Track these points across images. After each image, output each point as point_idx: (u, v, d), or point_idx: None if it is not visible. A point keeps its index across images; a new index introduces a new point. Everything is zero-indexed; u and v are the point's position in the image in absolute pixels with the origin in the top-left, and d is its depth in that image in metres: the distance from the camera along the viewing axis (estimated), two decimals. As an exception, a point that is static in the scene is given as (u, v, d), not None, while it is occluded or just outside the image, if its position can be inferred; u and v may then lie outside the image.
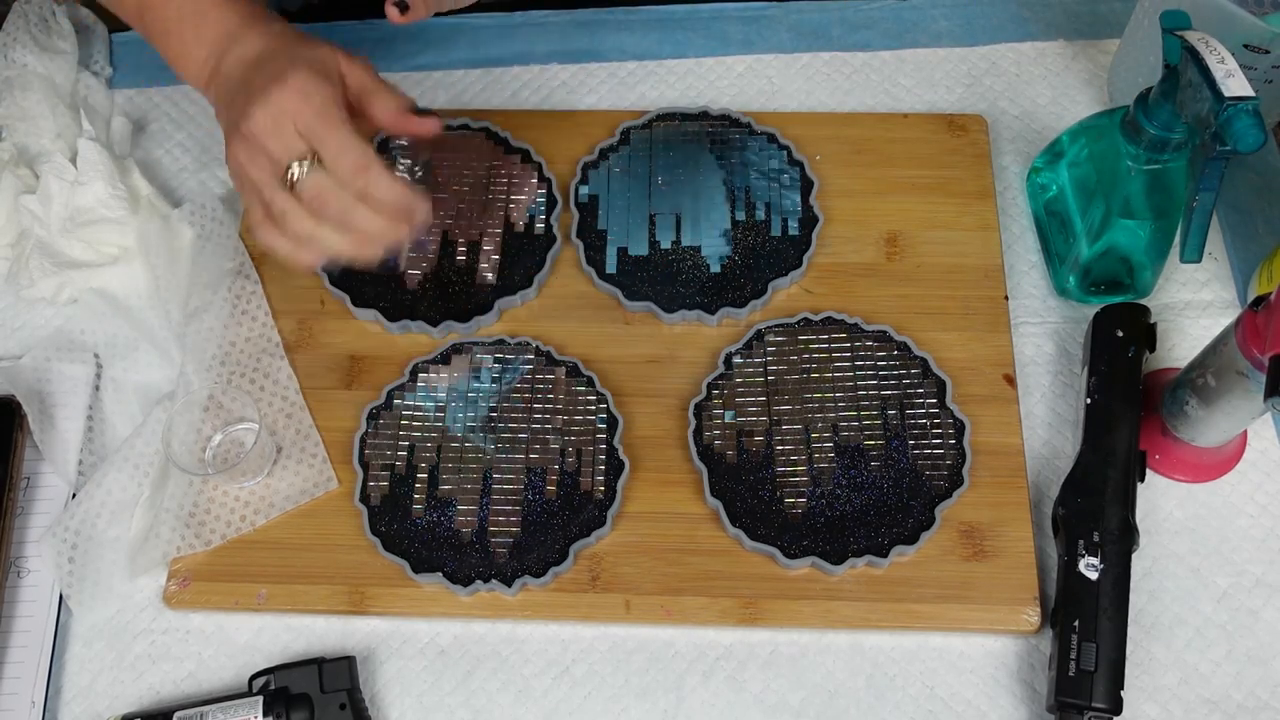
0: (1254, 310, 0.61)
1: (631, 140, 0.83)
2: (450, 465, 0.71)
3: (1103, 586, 0.64)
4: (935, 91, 0.88)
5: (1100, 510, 0.66)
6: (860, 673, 0.67)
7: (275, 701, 0.64)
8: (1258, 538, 0.70)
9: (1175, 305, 0.78)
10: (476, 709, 0.67)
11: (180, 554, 0.70)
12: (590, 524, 0.69)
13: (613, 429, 0.72)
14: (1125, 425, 0.69)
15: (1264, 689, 0.66)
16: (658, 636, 0.69)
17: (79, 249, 0.79)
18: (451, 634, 0.69)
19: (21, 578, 0.71)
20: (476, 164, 0.82)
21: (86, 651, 0.69)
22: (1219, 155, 0.62)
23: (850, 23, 0.91)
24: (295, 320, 0.78)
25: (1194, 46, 0.62)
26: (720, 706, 0.67)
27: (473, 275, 0.78)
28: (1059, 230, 0.79)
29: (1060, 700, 0.62)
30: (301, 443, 0.73)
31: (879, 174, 0.82)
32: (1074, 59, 0.89)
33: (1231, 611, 0.68)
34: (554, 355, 0.75)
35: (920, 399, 0.72)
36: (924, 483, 0.70)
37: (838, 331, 0.75)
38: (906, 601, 0.68)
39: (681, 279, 0.77)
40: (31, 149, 0.82)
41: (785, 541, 0.68)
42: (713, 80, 0.89)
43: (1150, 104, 0.67)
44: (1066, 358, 0.77)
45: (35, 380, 0.75)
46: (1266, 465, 0.73)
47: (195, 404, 0.73)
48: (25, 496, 0.73)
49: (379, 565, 0.69)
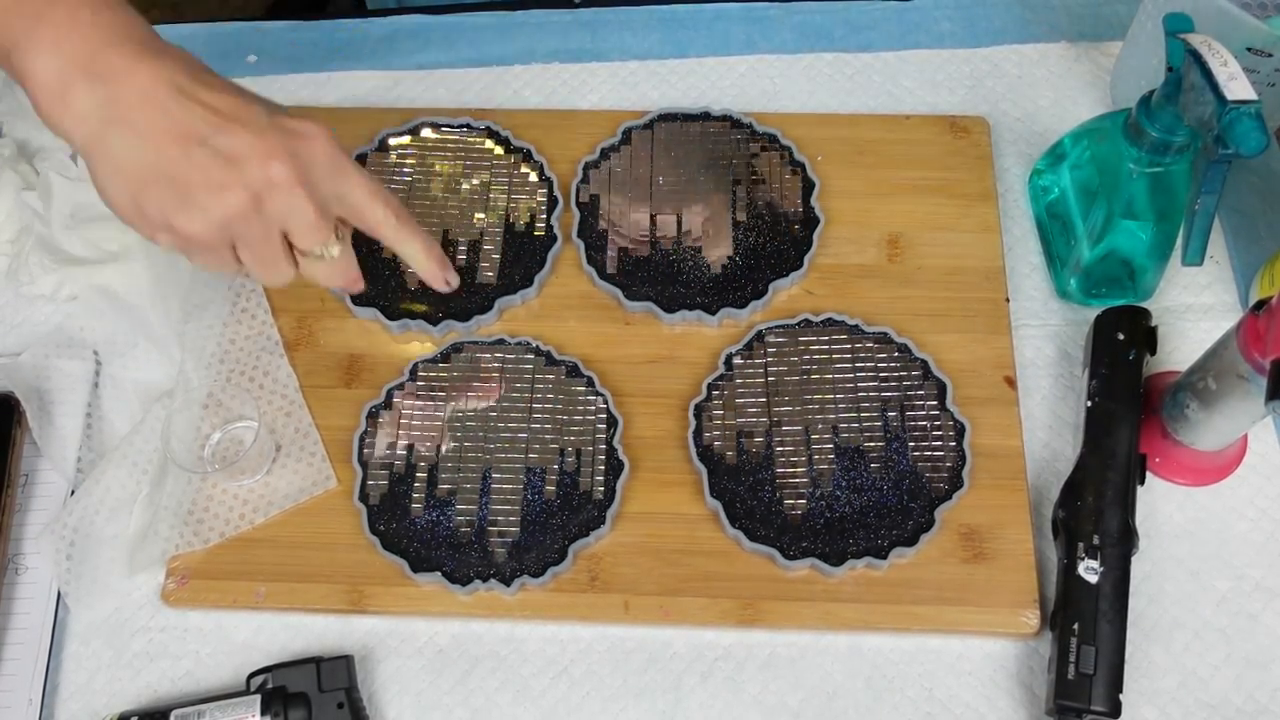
0: (1255, 314, 0.60)
1: (633, 140, 0.83)
2: (449, 465, 0.71)
3: (1102, 590, 0.64)
4: (937, 93, 0.88)
5: (1100, 513, 0.66)
6: (859, 674, 0.67)
7: (273, 700, 0.63)
8: (1258, 542, 0.70)
9: (1176, 308, 0.78)
10: (475, 708, 0.67)
11: (179, 552, 0.70)
12: (589, 524, 0.69)
13: (612, 429, 0.72)
14: (1126, 428, 0.69)
15: (1263, 693, 0.66)
16: (656, 637, 0.69)
17: (79, 246, 0.79)
18: (450, 633, 0.69)
19: (19, 575, 0.71)
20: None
21: (84, 649, 0.69)
22: (1221, 158, 0.62)
23: (853, 24, 0.91)
24: (295, 318, 0.78)
25: (1197, 49, 0.62)
26: (719, 707, 0.67)
27: (473, 274, 0.78)
28: (1060, 232, 0.79)
29: (1059, 703, 0.62)
30: (301, 441, 0.73)
31: (880, 175, 0.82)
32: (1076, 61, 0.89)
33: (1231, 615, 0.68)
34: (554, 355, 0.75)
35: (920, 401, 0.72)
36: (924, 485, 0.70)
37: (838, 333, 0.75)
38: (905, 603, 0.68)
39: (682, 279, 0.77)
40: (32, 145, 0.82)
41: (785, 543, 0.68)
42: (714, 80, 0.89)
43: (1153, 107, 0.67)
44: (1067, 360, 0.76)
45: (34, 377, 0.75)
46: (1267, 469, 0.72)
47: (195, 402, 0.73)
48: (24, 493, 0.73)
49: (378, 564, 0.69)
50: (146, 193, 0.52)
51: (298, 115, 0.55)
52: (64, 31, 0.52)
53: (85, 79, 0.52)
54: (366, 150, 0.83)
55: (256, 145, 0.52)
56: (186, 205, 0.52)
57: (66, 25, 0.52)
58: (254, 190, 0.53)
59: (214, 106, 0.53)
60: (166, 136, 0.52)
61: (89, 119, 0.52)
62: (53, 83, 0.52)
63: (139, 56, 0.52)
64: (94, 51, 0.52)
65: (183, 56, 0.54)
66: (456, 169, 0.82)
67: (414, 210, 0.80)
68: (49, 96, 0.52)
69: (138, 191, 0.52)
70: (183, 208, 0.52)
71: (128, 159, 0.52)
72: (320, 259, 0.58)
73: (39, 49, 0.52)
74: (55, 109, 0.52)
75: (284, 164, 0.53)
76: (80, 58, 0.52)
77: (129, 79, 0.52)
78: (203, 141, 0.52)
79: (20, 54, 0.52)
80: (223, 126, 0.52)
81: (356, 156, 0.82)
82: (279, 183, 0.53)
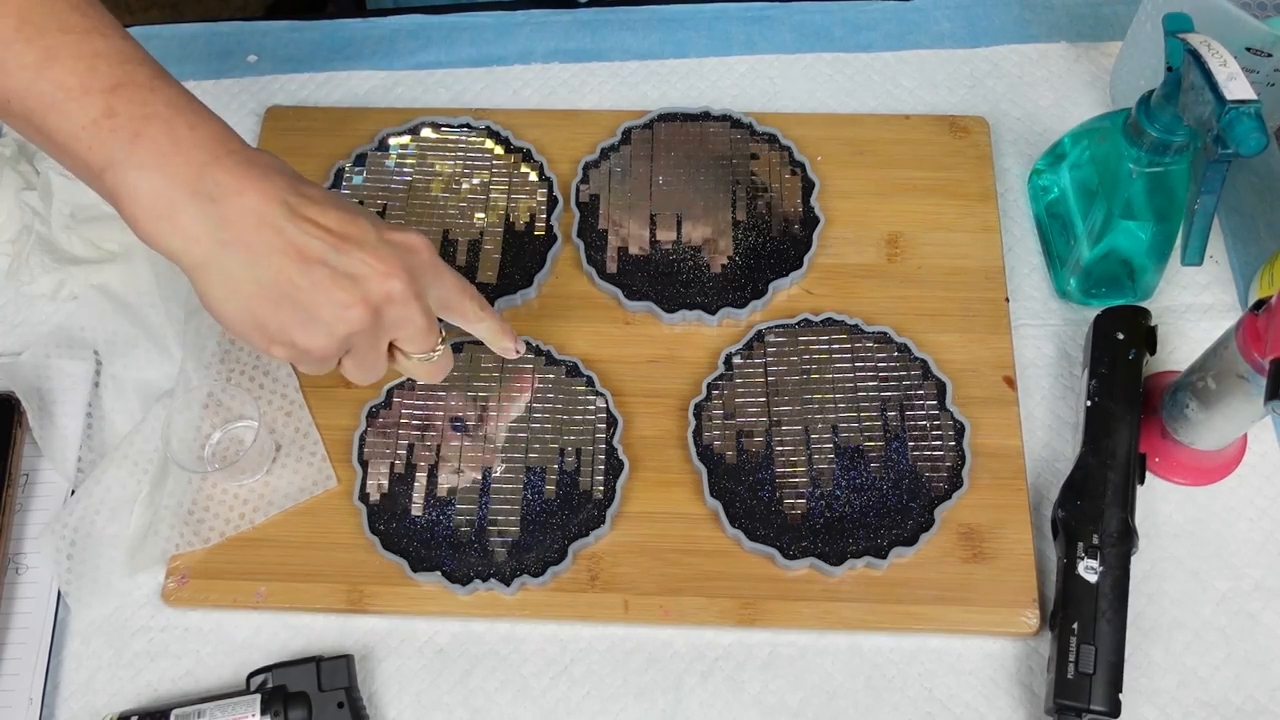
0: (1255, 313, 0.61)
1: (633, 140, 0.83)
2: (449, 464, 0.71)
3: (1102, 589, 0.64)
4: (937, 93, 0.88)
5: (1100, 513, 0.66)
6: (859, 674, 0.67)
7: (273, 700, 0.64)
8: (1257, 541, 0.70)
9: (1176, 308, 0.78)
10: (474, 708, 0.67)
11: (179, 551, 0.70)
12: (589, 524, 0.69)
13: (612, 429, 0.72)
14: (1125, 428, 0.69)
15: (1262, 692, 0.66)
16: (656, 636, 0.69)
17: (80, 245, 0.79)
18: (450, 633, 0.69)
19: (20, 574, 0.71)
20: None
21: (84, 648, 0.69)
22: (1221, 158, 0.62)
23: (852, 23, 0.91)
24: (295, 318, 0.78)
25: (1196, 49, 0.62)
26: (718, 707, 0.67)
27: (473, 274, 0.78)
28: (1060, 232, 0.79)
29: (1059, 703, 0.62)
30: (301, 441, 0.73)
31: (880, 175, 0.82)
32: (1076, 61, 0.89)
33: (1230, 615, 0.68)
34: (554, 355, 0.75)
35: (920, 400, 0.72)
36: (923, 484, 0.70)
37: (838, 332, 0.75)
38: (905, 603, 0.68)
39: (682, 279, 0.77)
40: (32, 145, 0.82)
41: (784, 542, 0.68)
42: (714, 80, 0.89)
43: (1152, 107, 0.67)
44: (1067, 360, 0.76)
45: (35, 377, 0.75)
46: (1266, 469, 0.73)
47: (195, 401, 0.73)
48: (24, 493, 0.73)
49: (378, 564, 0.69)
50: (266, 311, 0.53)
51: (397, 228, 0.57)
52: (165, 148, 0.51)
53: (193, 199, 0.51)
54: (366, 150, 0.83)
55: (374, 264, 0.53)
56: (310, 323, 0.53)
57: (167, 142, 0.51)
58: (374, 305, 0.54)
59: (326, 226, 0.53)
60: (285, 257, 0.52)
61: (201, 240, 0.51)
62: (158, 202, 0.51)
63: (245, 174, 0.52)
64: (199, 169, 0.51)
65: (281, 168, 0.54)
66: (456, 169, 0.82)
67: (414, 210, 0.80)
68: (153, 216, 0.51)
69: (257, 309, 0.53)
70: (306, 325, 0.53)
71: (245, 279, 0.52)
72: (427, 360, 0.60)
73: (139, 168, 0.51)
74: (162, 229, 0.51)
75: (401, 281, 0.54)
76: (186, 177, 0.51)
77: (239, 199, 0.51)
78: (322, 262, 0.52)
79: (116, 173, 0.51)
80: (339, 246, 0.53)
81: (356, 156, 0.82)
82: (397, 298, 0.54)
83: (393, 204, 0.80)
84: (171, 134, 0.51)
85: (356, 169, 0.82)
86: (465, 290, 0.61)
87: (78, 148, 0.51)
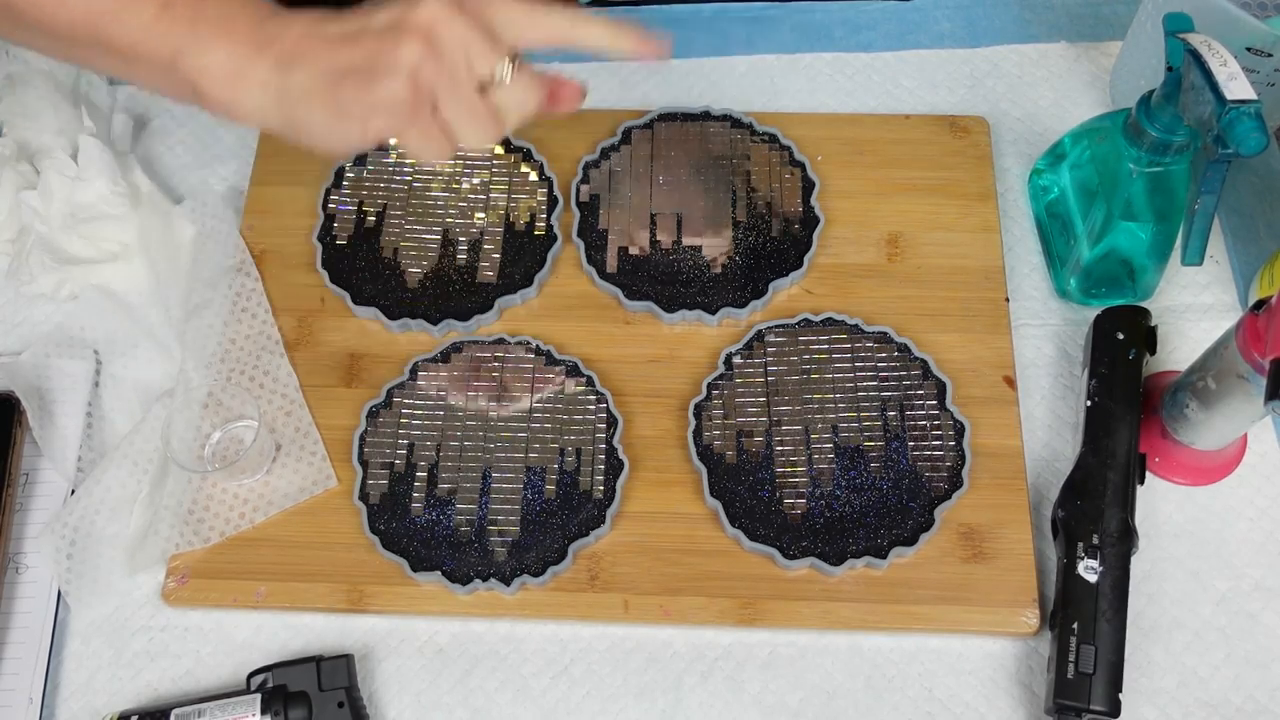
0: (1255, 313, 0.61)
1: (633, 139, 0.83)
2: (449, 464, 0.71)
3: (1102, 589, 0.64)
4: (937, 93, 0.88)
5: (1100, 513, 0.66)
6: (859, 674, 0.67)
7: (273, 699, 0.64)
8: (1257, 541, 0.70)
9: (1176, 308, 0.78)
10: (475, 708, 0.67)
11: (179, 551, 0.70)
12: (589, 523, 0.69)
13: (612, 429, 0.72)
14: (1125, 428, 0.69)
15: (1262, 692, 0.66)
16: (656, 636, 0.69)
17: (80, 245, 0.79)
18: (450, 632, 0.69)
19: (20, 574, 0.71)
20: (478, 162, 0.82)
21: (84, 648, 0.69)
22: (1221, 158, 0.62)
23: (852, 23, 0.91)
24: (295, 318, 0.78)
25: (1196, 49, 0.62)
26: (718, 707, 0.67)
27: (473, 274, 0.78)
28: (1060, 232, 0.79)
29: (1059, 703, 0.62)
30: (301, 440, 0.73)
31: (880, 175, 0.82)
32: (1076, 61, 0.89)
33: (1230, 615, 0.68)
34: (554, 355, 0.75)
35: (920, 400, 0.72)
36: (923, 484, 0.70)
37: (838, 332, 0.75)
38: (905, 603, 0.68)
39: (682, 279, 0.77)
40: (33, 145, 0.82)
41: (784, 542, 0.68)
42: (714, 80, 0.89)
43: (1152, 106, 0.67)
44: (1067, 360, 0.76)
45: (35, 376, 0.75)
46: (1266, 469, 0.73)
47: (195, 401, 0.73)
48: (24, 493, 0.73)
49: (378, 563, 0.69)
50: (340, 93, 0.55)
51: None
52: (226, 25, 0.56)
53: (257, 53, 0.56)
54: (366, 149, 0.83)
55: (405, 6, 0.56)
56: (376, 76, 0.54)
57: (226, 19, 0.56)
58: (423, 33, 0.55)
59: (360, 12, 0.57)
60: (334, 46, 0.56)
61: (269, 84, 0.56)
62: (229, 69, 0.56)
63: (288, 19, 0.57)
64: (253, 30, 0.56)
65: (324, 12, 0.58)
66: (456, 168, 0.82)
67: (414, 210, 0.80)
68: (226, 82, 0.56)
69: (330, 100, 0.55)
70: (374, 79, 0.54)
71: (313, 82, 0.55)
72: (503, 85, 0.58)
73: (210, 47, 0.56)
74: (236, 88, 0.56)
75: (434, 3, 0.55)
76: (248, 41, 0.56)
77: (289, 32, 0.56)
78: (363, 30, 0.56)
79: (186, 59, 0.56)
80: (372, 13, 0.56)
81: (356, 155, 0.82)
82: (440, 17, 0.55)
83: (393, 203, 0.80)
84: (227, 11, 0.57)
85: (357, 168, 0.82)
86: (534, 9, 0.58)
87: (145, 48, 0.56)
